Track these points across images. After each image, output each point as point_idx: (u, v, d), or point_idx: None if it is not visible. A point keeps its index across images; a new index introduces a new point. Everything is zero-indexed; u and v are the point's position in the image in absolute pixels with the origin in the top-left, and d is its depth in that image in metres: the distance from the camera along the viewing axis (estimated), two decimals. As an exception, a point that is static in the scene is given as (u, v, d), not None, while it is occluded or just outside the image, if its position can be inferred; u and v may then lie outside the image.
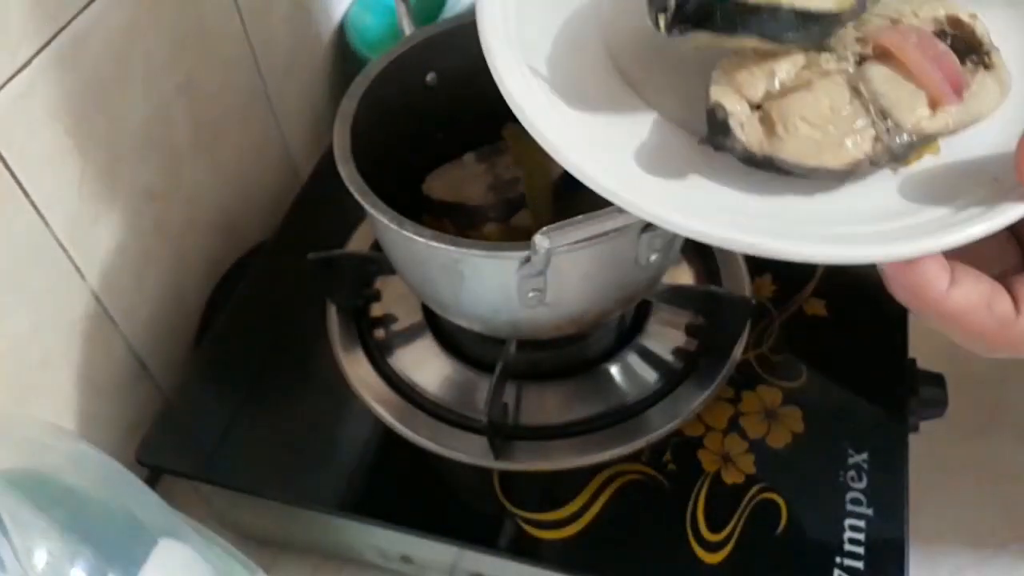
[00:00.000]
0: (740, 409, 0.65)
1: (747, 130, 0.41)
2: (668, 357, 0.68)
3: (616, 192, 0.41)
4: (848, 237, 0.39)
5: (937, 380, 0.66)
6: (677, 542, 0.58)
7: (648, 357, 0.68)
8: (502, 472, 0.62)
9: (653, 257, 0.55)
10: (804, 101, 0.41)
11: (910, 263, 0.39)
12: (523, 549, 0.59)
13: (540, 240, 0.48)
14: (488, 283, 0.55)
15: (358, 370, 0.69)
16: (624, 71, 0.47)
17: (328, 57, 0.98)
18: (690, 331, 0.69)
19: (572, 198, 0.65)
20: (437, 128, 0.70)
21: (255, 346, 0.72)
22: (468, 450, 0.63)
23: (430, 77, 0.67)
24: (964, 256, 0.40)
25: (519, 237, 0.51)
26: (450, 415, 0.65)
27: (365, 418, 0.66)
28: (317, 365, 0.70)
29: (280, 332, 0.73)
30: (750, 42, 0.41)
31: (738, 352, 0.67)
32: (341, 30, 0.98)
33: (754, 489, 0.60)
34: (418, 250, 0.55)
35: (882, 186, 0.42)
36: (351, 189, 0.55)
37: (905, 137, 0.41)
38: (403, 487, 0.63)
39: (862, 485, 0.60)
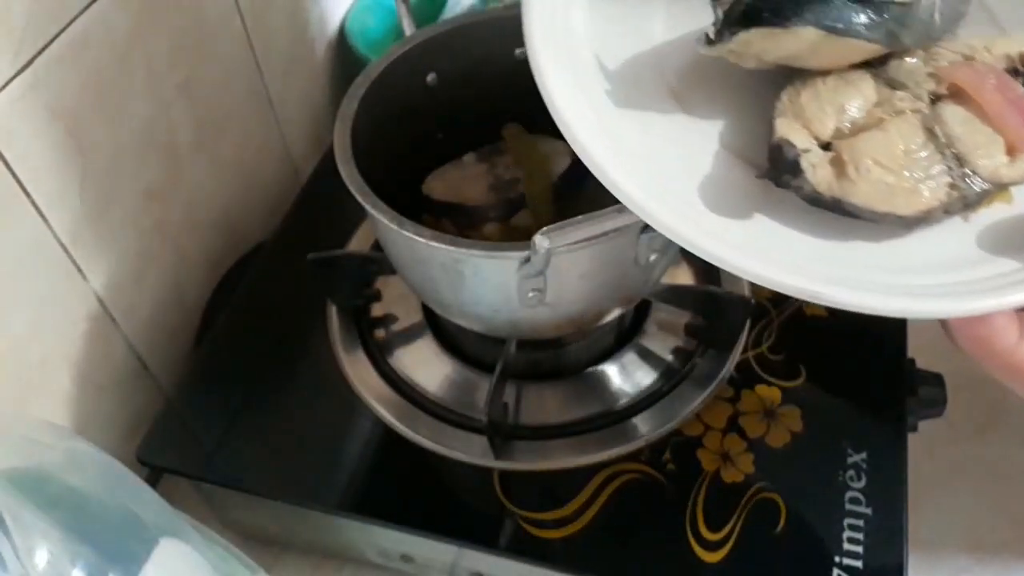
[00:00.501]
0: (739, 409, 0.65)
1: (817, 171, 0.38)
2: (667, 357, 0.68)
3: (675, 229, 0.38)
4: (917, 289, 0.37)
5: (936, 380, 0.66)
6: (676, 541, 0.58)
7: (647, 357, 0.68)
8: (502, 471, 0.63)
9: (652, 257, 0.55)
10: (877, 142, 0.39)
11: (978, 316, 0.37)
12: (523, 548, 0.59)
13: (540, 240, 0.48)
14: (488, 283, 0.55)
15: (358, 370, 0.69)
16: (679, 95, 0.45)
17: (329, 58, 0.98)
18: (689, 331, 0.69)
19: (572, 198, 0.66)
20: (437, 128, 0.71)
21: (255, 346, 0.72)
22: (468, 450, 0.63)
23: (430, 78, 0.68)
24: None
25: (519, 237, 0.51)
26: (450, 415, 0.66)
27: (365, 418, 0.66)
28: (318, 365, 0.70)
29: (281, 332, 0.73)
30: (807, 34, 0.39)
31: (737, 352, 0.68)
32: (342, 31, 0.98)
33: (753, 488, 0.60)
34: (418, 250, 0.55)
35: (951, 233, 0.40)
36: (351, 189, 0.55)
37: (981, 184, 0.39)
38: (403, 486, 0.63)
39: (861, 485, 0.60)
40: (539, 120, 0.71)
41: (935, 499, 0.70)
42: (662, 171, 0.41)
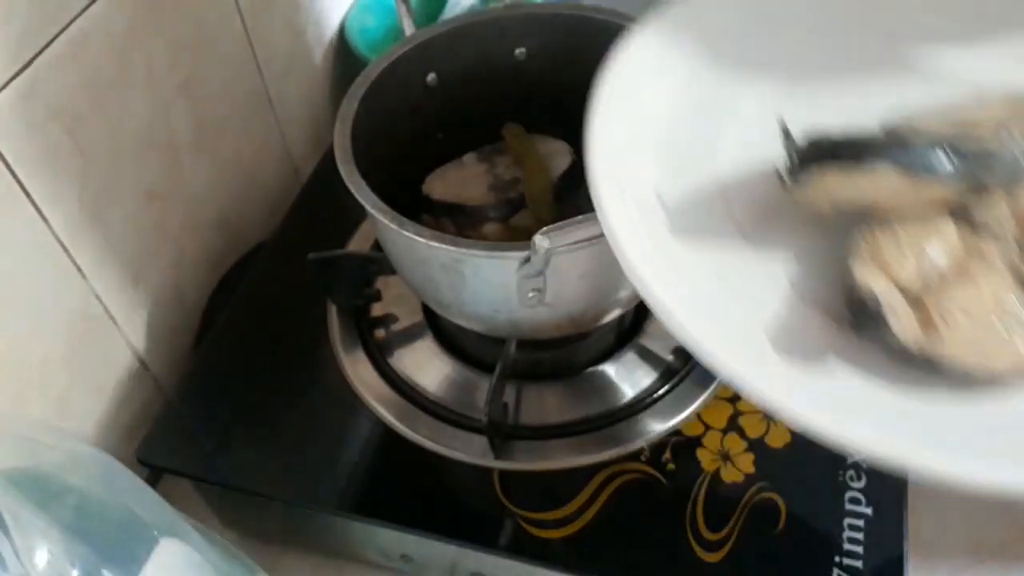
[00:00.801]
0: (739, 408, 0.65)
1: (904, 324, 0.36)
2: (667, 357, 0.68)
3: (749, 382, 0.36)
4: (1014, 455, 0.35)
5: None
6: (676, 541, 0.58)
7: (647, 357, 0.68)
8: (502, 471, 0.63)
9: (652, 257, 0.55)
10: (965, 291, 0.37)
11: None
12: (523, 548, 0.59)
13: (540, 240, 0.48)
14: (488, 283, 0.55)
15: (358, 370, 0.69)
16: (745, 229, 0.44)
17: (329, 58, 0.98)
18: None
19: (572, 198, 0.66)
20: (437, 128, 0.71)
21: (256, 346, 0.72)
22: (468, 450, 0.63)
23: (430, 78, 0.68)
24: None
25: (519, 237, 0.51)
26: (450, 415, 0.66)
27: (365, 418, 0.66)
28: (318, 365, 0.70)
29: (281, 332, 0.73)
30: (887, 175, 0.37)
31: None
32: (342, 31, 0.98)
33: (753, 488, 0.61)
34: (418, 250, 0.55)
35: None
36: (352, 189, 0.55)
37: None
38: (403, 486, 0.63)
39: (861, 485, 0.60)
40: (538, 120, 0.72)
41: (935, 499, 0.70)
42: (729, 312, 0.40)
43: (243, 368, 0.71)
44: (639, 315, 0.70)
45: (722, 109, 0.49)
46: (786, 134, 0.40)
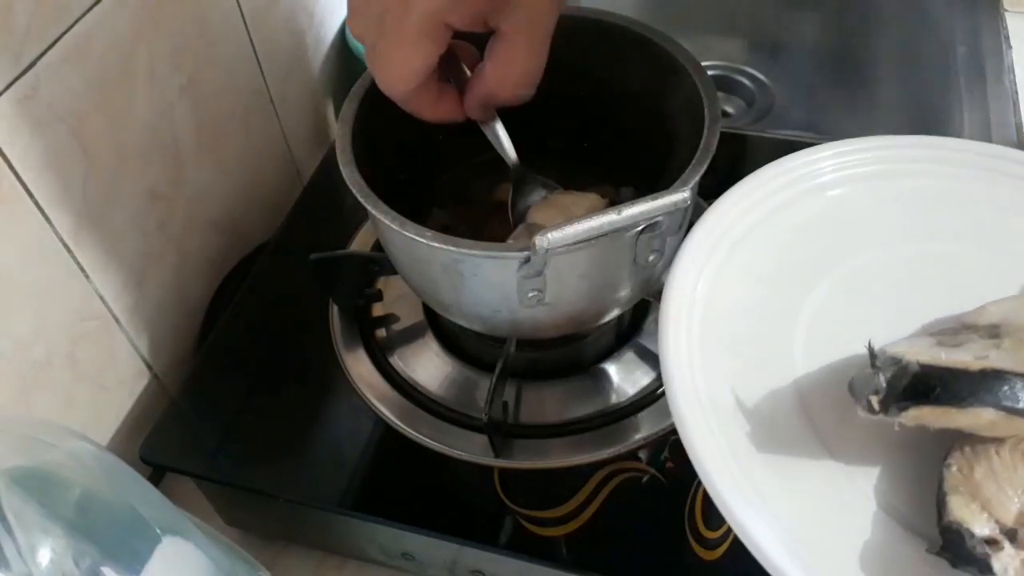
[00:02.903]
0: (738, 408, 0.65)
1: (1008, 569, 0.35)
2: (667, 356, 0.68)
3: None
4: None
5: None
6: (675, 539, 0.59)
7: (647, 356, 0.68)
8: (502, 470, 0.63)
9: (651, 257, 0.55)
10: None
11: None
12: (523, 546, 0.59)
13: (540, 240, 0.48)
14: (488, 283, 0.55)
15: (360, 369, 0.69)
16: (825, 438, 0.43)
17: (330, 59, 0.98)
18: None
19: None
20: (438, 129, 0.71)
21: (258, 345, 0.73)
22: (468, 448, 0.64)
23: (431, 78, 0.68)
24: None
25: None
26: (451, 414, 0.66)
27: (367, 416, 0.67)
28: (319, 364, 0.70)
29: (282, 331, 0.74)
30: (986, 414, 0.37)
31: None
32: (343, 32, 0.98)
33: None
34: (419, 250, 0.55)
35: None
36: (353, 190, 0.55)
37: None
38: (404, 485, 0.63)
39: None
40: (538, 121, 0.72)
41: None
42: (813, 533, 0.39)
43: (245, 367, 0.71)
44: (638, 315, 0.70)
45: (792, 304, 0.49)
46: (873, 360, 0.39)
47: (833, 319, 0.43)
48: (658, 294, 0.68)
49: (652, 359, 0.68)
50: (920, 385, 0.37)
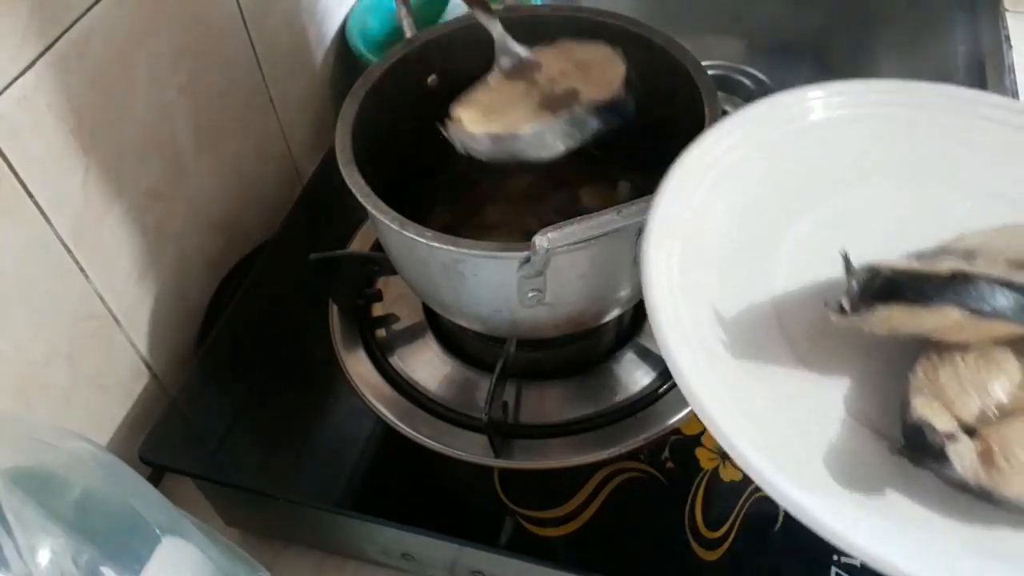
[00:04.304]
0: (738, 408, 0.65)
1: (965, 460, 0.36)
2: (667, 356, 0.68)
3: (808, 511, 0.36)
4: None
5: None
6: (675, 539, 0.59)
7: (647, 356, 0.68)
8: (502, 470, 0.63)
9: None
10: None
11: None
12: (523, 546, 0.59)
13: (540, 240, 0.48)
14: (488, 283, 0.55)
15: (359, 369, 0.69)
16: (799, 350, 0.44)
17: (330, 59, 0.98)
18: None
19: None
20: (438, 129, 0.71)
21: (257, 346, 0.73)
22: (468, 448, 0.64)
23: (431, 79, 0.68)
24: None
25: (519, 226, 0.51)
26: (451, 414, 0.66)
27: (366, 417, 0.67)
28: (319, 364, 0.70)
29: (282, 331, 0.74)
30: (951, 314, 0.38)
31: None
32: (343, 32, 0.98)
33: (752, 487, 0.61)
34: (419, 250, 0.55)
35: None
36: (353, 190, 0.55)
37: None
38: (404, 485, 0.63)
39: (859, 483, 0.60)
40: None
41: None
42: (784, 435, 0.40)
43: (245, 367, 0.71)
44: (638, 315, 0.70)
45: (775, 230, 0.50)
46: (847, 266, 0.40)
47: (814, 249, 0.44)
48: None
49: (652, 359, 0.68)
50: (890, 286, 0.38)
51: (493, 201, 0.73)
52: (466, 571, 0.65)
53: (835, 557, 0.57)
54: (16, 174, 0.58)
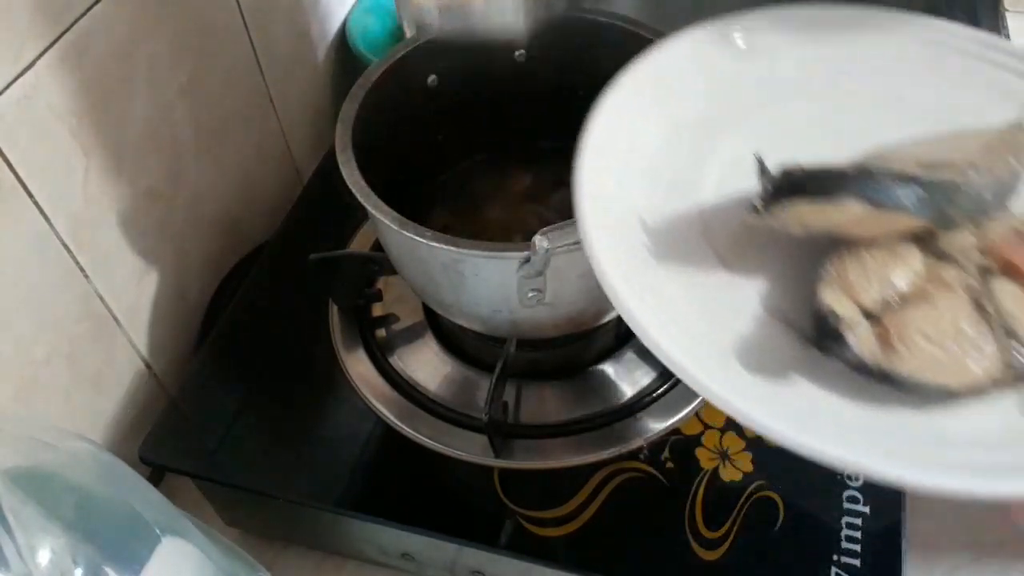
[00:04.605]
0: (738, 408, 0.65)
1: (863, 342, 0.38)
2: (667, 356, 0.68)
3: (717, 393, 0.38)
4: (967, 465, 0.37)
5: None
6: (675, 539, 0.59)
7: (647, 356, 0.68)
8: (502, 470, 0.63)
9: (651, 257, 0.55)
10: (925, 316, 0.39)
11: None
12: (523, 546, 0.59)
13: (540, 240, 0.48)
14: (488, 283, 0.55)
15: (360, 369, 0.69)
16: (722, 255, 0.45)
17: (330, 59, 0.98)
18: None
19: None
20: (438, 130, 0.71)
21: (258, 345, 0.73)
22: (468, 448, 0.64)
23: (431, 79, 0.68)
24: None
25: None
26: (451, 414, 0.66)
27: (366, 417, 0.67)
28: (319, 364, 0.70)
29: (282, 331, 0.74)
30: (854, 208, 0.39)
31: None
32: (343, 32, 0.99)
33: (752, 487, 0.61)
34: (419, 250, 0.55)
35: (1003, 407, 0.39)
36: (353, 190, 0.56)
37: None
38: (404, 485, 0.63)
39: (859, 483, 0.60)
40: (538, 122, 0.72)
41: (933, 498, 0.70)
42: (703, 330, 0.41)
43: (245, 367, 0.71)
44: (639, 315, 0.70)
45: (705, 147, 0.51)
46: (762, 168, 0.42)
47: (743, 164, 0.45)
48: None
49: (653, 359, 0.67)
50: (797, 183, 0.40)
51: (493, 201, 0.73)
52: (466, 571, 0.65)
53: (835, 557, 0.57)
54: (16, 174, 0.58)
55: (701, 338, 0.41)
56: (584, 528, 0.60)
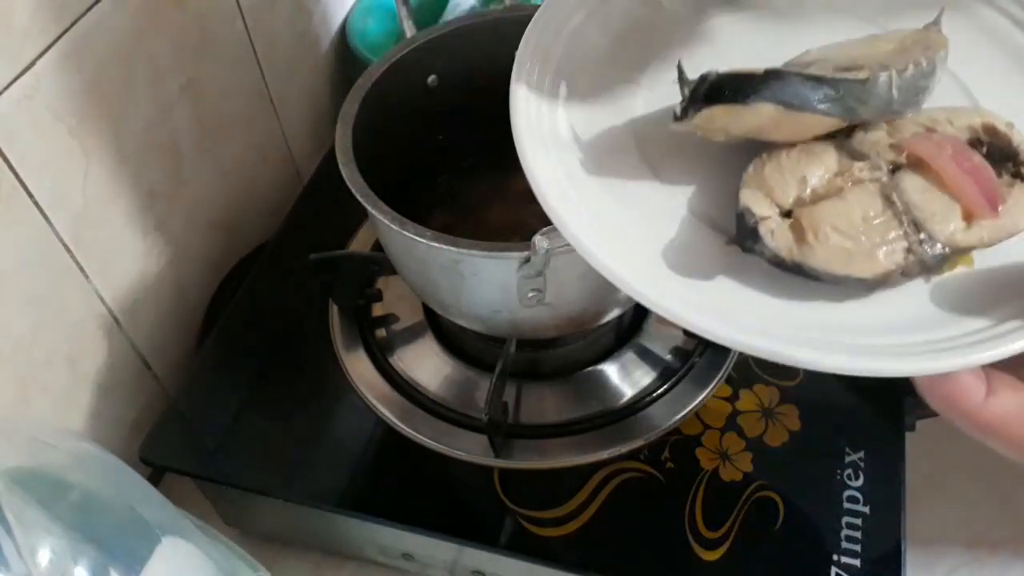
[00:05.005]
0: (738, 408, 0.65)
1: (777, 237, 0.40)
2: (666, 356, 0.68)
3: (643, 293, 0.40)
4: (881, 349, 0.38)
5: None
6: (675, 539, 0.59)
7: (647, 356, 0.68)
8: (502, 470, 0.63)
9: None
10: (836, 210, 0.40)
11: (945, 374, 0.38)
12: (523, 546, 0.59)
13: (540, 240, 0.48)
14: (488, 283, 0.55)
15: (360, 369, 0.69)
16: (653, 165, 0.47)
17: (330, 59, 0.98)
18: (688, 331, 0.69)
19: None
20: (438, 130, 0.71)
21: (258, 345, 0.73)
22: (469, 448, 0.64)
23: (431, 79, 0.68)
24: (1000, 363, 0.38)
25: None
26: (451, 414, 0.66)
27: (367, 417, 0.67)
28: (319, 364, 0.70)
29: (282, 332, 0.74)
30: (766, 110, 0.41)
31: (736, 351, 0.68)
32: (343, 32, 0.98)
33: (752, 487, 0.61)
34: (419, 250, 0.55)
35: (915, 295, 0.41)
36: (353, 190, 0.56)
37: (938, 249, 0.40)
38: (404, 485, 0.63)
39: (859, 483, 0.60)
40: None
41: (933, 498, 0.70)
42: (633, 237, 0.43)
43: (245, 367, 0.71)
44: (638, 315, 0.70)
45: (641, 59, 0.52)
46: (681, 75, 0.43)
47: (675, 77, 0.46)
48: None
49: (652, 359, 0.68)
50: (713, 89, 0.41)
51: (493, 201, 0.73)
52: (466, 571, 0.65)
53: (835, 557, 0.57)
54: (16, 174, 0.58)
55: (634, 245, 0.42)
56: (584, 528, 0.60)
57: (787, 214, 0.41)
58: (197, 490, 0.68)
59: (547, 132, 0.47)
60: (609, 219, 0.44)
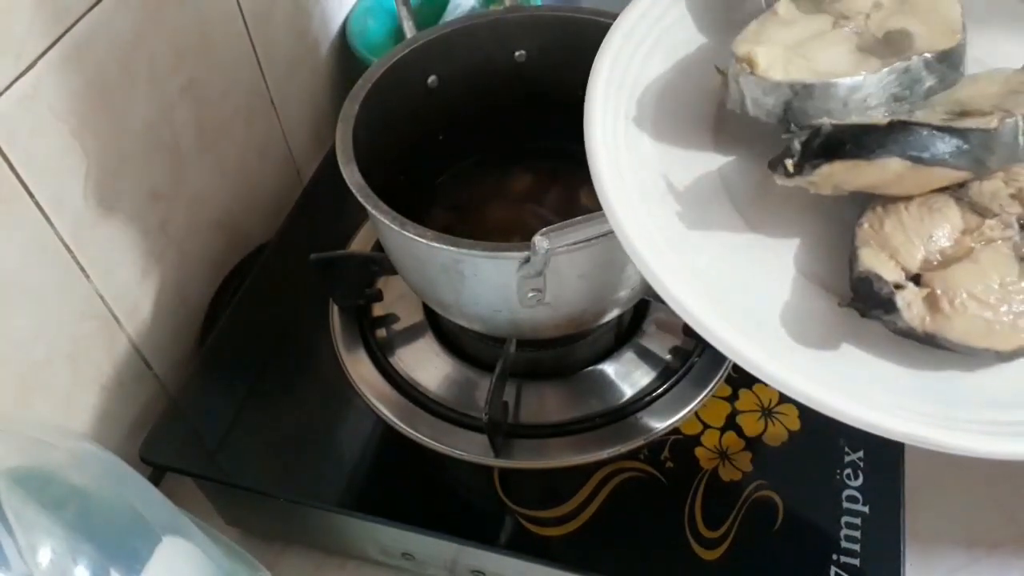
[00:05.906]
0: (737, 407, 0.65)
1: (912, 307, 0.37)
2: (666, 356, 0.68)
3: (765, 368, 0.37)
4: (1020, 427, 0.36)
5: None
6: (675, 539, 0.59)
7: (646, 356, 0.68)
8: (502, 470, 0.63)
9: (651, 257, 0.55)
10: (971, 275, 0.37)
11: None
12: (523, 545, 0.59)
13: (540, 240, 0.48)
14: (488, 283, 0.55)
15: (360, 369, 0.69)
16: (747, 215, 0.44)
17: (330, 60, 0.98)
18: (688, 330, 0.69)
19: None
20: (438, 130, 0.71)
21: (258, 345, 0.73)
22: (469, 448, 0.64)
23: (431, 80, 0.68)
24: None
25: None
26: (451, 413, 0.66)
27: (367, 416, 0.67)
28: (319, 364, 0.70)
29: (283, 331, 0.74)
30: (893, 165, 0.38)
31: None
32: (343, 33, 0.99)
33: (751, 487, 0.61)
34: (419, 250, 0.55)
35: None
36: (353, 190, 0.56)
37: None
38: (404, 484, 0.64)
39: (858, 483, 0.60)
40: (538, 122, 0.72)
41: (932, 497, 0.70)
42: (733, 294, 0.40)
43: (245, 367, 0.71)
44: (638, 315, 0.70)
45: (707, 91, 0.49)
46: (788, 127, 0.40)
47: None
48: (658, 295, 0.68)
49: (652, 359, 0.68)
50: (832, 143, 0.38)
51: (493, 201, 0.73)
52: (466, 570, 0.65)
53: (835, 557, 0.57)
54: (16, 174, 0.58)
55: (737, 305, 0.39)
56: (584, 528, 0.60)
57: (914, 278, 0.38)
58: (197, 490, 0.68)
59: (632, 182, 0.44)
60: (709, 278, 0.41)
